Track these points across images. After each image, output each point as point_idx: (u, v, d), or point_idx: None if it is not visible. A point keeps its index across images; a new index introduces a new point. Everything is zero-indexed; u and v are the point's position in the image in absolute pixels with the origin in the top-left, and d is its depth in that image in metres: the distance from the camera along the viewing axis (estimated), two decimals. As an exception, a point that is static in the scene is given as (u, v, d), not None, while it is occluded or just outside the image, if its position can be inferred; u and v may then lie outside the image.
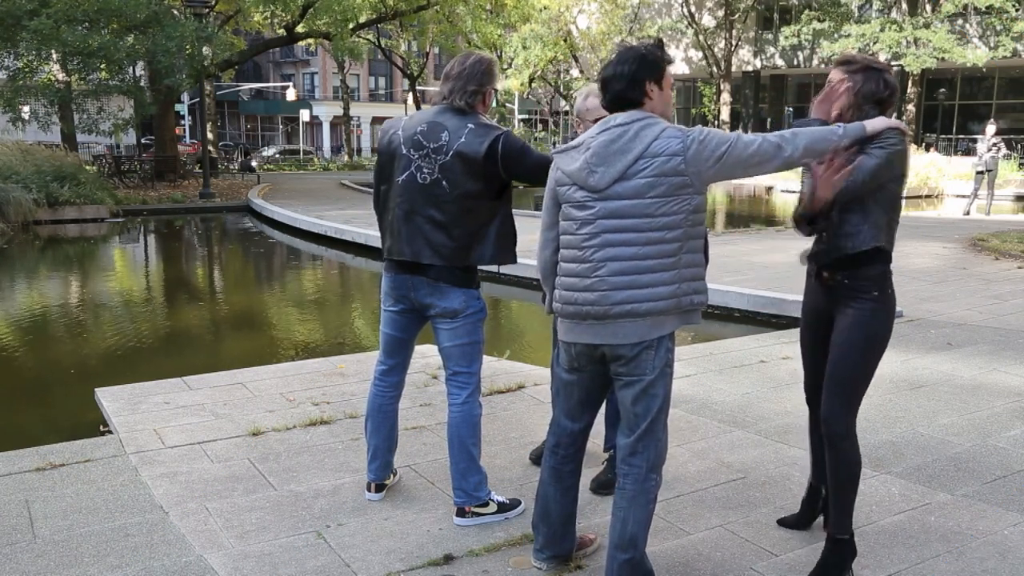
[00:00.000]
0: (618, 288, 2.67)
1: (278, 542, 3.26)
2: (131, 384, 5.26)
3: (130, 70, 22.59)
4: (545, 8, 38.03)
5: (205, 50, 21.45)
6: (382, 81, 65.05)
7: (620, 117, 2.73)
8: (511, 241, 3.41)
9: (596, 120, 3.53)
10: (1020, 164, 28.39)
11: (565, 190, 2.78)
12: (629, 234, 2.65)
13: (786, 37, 36.05)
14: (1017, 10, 30.26)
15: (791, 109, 42.27)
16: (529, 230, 3.65)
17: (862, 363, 2.99)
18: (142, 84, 24.02)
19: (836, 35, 33.90)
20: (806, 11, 35.98)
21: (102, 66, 20.48)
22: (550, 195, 2.85)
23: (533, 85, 44.34)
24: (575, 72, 45.32)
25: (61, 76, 21.84)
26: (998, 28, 31.59)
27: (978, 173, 17.20)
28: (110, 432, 4.55)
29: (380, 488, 3.66)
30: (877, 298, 2.98)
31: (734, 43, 38.61)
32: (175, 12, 21.79)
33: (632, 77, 2.70)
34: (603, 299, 2.68)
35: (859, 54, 3.06)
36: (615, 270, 2.67)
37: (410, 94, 41.17)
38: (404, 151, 3.32)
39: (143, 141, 32.64)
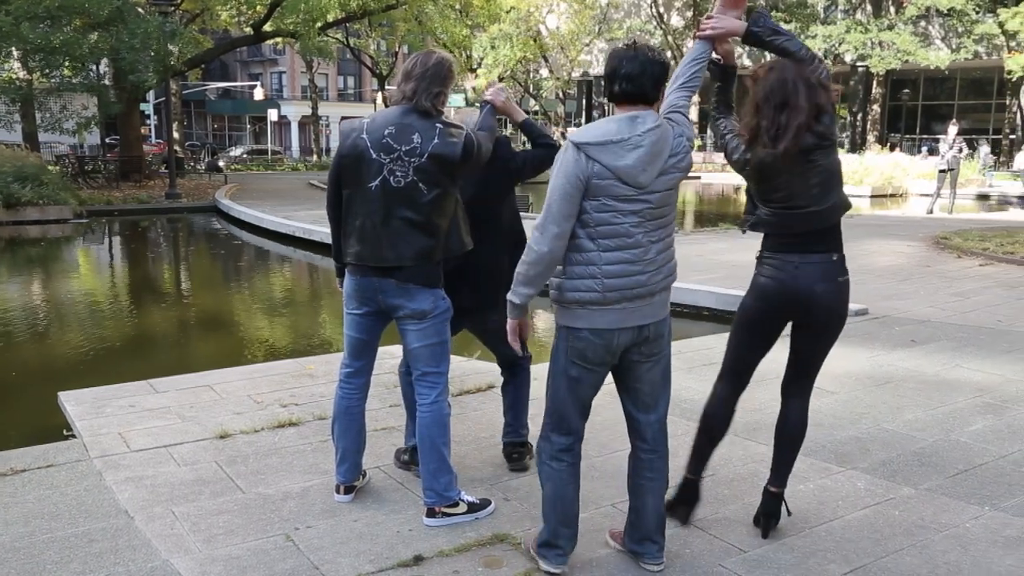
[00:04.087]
0: (660, 266, 2.88)
1: (246, 545, 3.23)
2: (95, 387, 5.18)
3: (94, 68, 22.30)
4: (513, 8, 38.06)
5: (171, 48, 21.20)
6: (351, 80, 64.68)
7: (650, 117, 2.80)
8: (468, 225, 3.45)
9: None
10: (985, 165, 28.91)
11: (606, 183, 2.76)
12: (662, 220, 2.87)
13: (753, 38, 36.33)
14: (977, 13, 30.81)
15: (758, 109, 42.57)
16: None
17: None
18: (106, 82, 23.69)
19: (803, 36, 34.28)
20: (773, 12, 36.33)
21: (65, 63, 20.19)
22: (575, 186, 2.76)
23: (503, 84, 44.32)
24: (544, 72, 45.40)
25: (22, 74, 21.49)
26: (960, 30, 32.16)
27: (941, 172, 17.47)
28: (74, 436, 4.48)
29: (349, 490, 3.63)
30: None
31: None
32: (139, 9, 21.51)
33: (658, 78, 2.82)
34: (651, 278, 2.86)
35: None
36: (659, 250, 2.88)
37: (379, 93, 40.99)
38: (373, 155, 3.27)
39: (107, 141, 32.20)
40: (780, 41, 3.07)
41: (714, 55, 3.18)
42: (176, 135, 29.27)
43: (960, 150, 17.27)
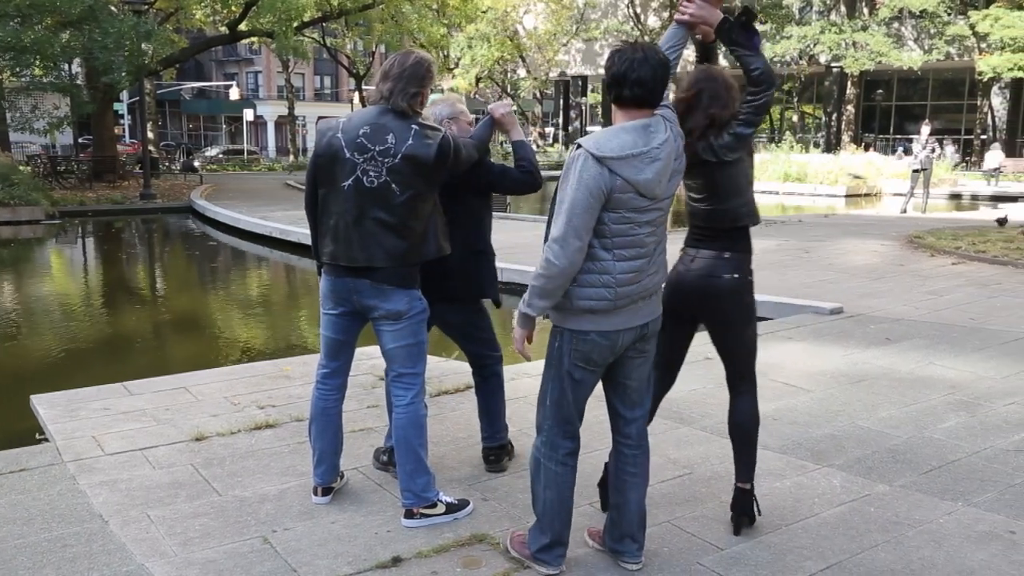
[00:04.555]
0: (660, 266, 2.95)
1: (223, 548, 3.21)
2: (69, 390, 5.12)
3: (66, 67, 22.00)
4: (490, 8, 38.04)
5: (145, 47, 20.98)
6: (328, 80, 64.37)
7: (660, 126, 2.81)
8: (446, 230, 3.44)
9: (471, 123, 3.69)
10: (955, 164, 29.30)
11: (627, 197, 2.75)
12: (664, 224, 2.92)
13: (729, 39, 36.56)
14: (949, 15, 31.20)
15: (734, 109, 42.89)
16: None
17: None
18: (79, 82, 23.40)
19: (778, 36, 34.58)
20: (748, 13, 36.54)
21: (36, 63, 19.92)
22: (598, 199, 2.71)
23: (480, 85, 44.34)
24: (522, 72, 45.42)
25: (-8, 73, 21.22)
26: (932, 32, 32.55)
27: (914, 172, 17.66)
28: (46, 440, 4.42)
29: (327, 492, 3.61)
30: None
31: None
32: (112, 8, 21.28)
33: (666, 81, 2.83)
34: (654, 279, 2.91)
35: None
36: (660, 252, 2.93)
37: (356, 93, 40.82)
38: (347, 155, 3.26)
39: (80, 141, 31.80)
40: (739, 53, 3.10)
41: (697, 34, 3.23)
42: (151, 135, 28.98)
43: (933, 150, 17.49)
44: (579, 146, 2.77)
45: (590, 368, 2.90)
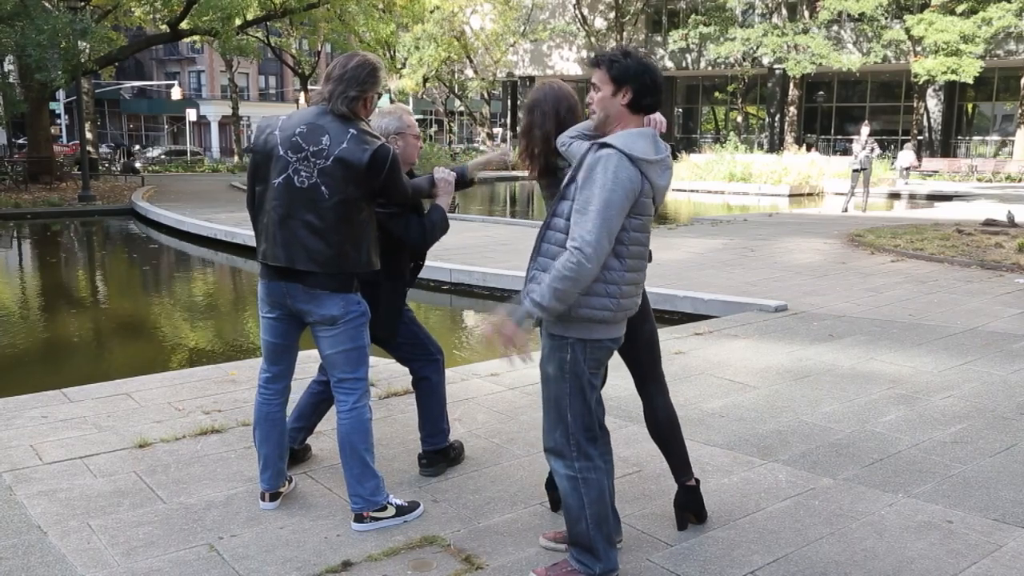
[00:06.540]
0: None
1: (167, 557, 3.14)
2: (4, 398, 4.96)
3: (-3, 65, 21.37)
4: (437, 8, 37.94)
5: (81, 45, 20.43)
6: (272, 80, 63.51)
7: (660, 139, 2.81)
8: (378, 245, 3.39)
9: (418, 136, 3.70)
10: (892, 165, 30.08)
11: (647, 202, 2.73)
12: None
13: (674, 40, 37.09)
14: (886, 19, 32.04)
15: (681, 110, 43.52)
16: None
17: None
18: (11, 80, 22.72)
19: (721, 39, 35.14)
20: (693, 15, 37.14)
21: (-36, 60, 19.32)
22: (630, 200, 2.65)
23: (428, 85, 44.16)
24: (469, 72, 45.38)
25: (-81, 71, 20.50)
26: (869, 35, 33.39)
27: (854, 172, 18.08)
28: (-19, 450, 4.28)
29: (274, 497, 3.56)
30: None
31: (625, 45, 39.45)
32: (47, 4, 20.70)
33: None
34: (641, 292, 2.91)
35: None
36: None
37: (302, 94, 40.35)
38: (281, 153, 3.21)
39: (15, 141, 30.89)
40: None
41: None
42: (89, 135, 28.26)
43: (872, 150, 17.93)
44: (603, 146, 2.68)
45: (598, 372, 2.88)
